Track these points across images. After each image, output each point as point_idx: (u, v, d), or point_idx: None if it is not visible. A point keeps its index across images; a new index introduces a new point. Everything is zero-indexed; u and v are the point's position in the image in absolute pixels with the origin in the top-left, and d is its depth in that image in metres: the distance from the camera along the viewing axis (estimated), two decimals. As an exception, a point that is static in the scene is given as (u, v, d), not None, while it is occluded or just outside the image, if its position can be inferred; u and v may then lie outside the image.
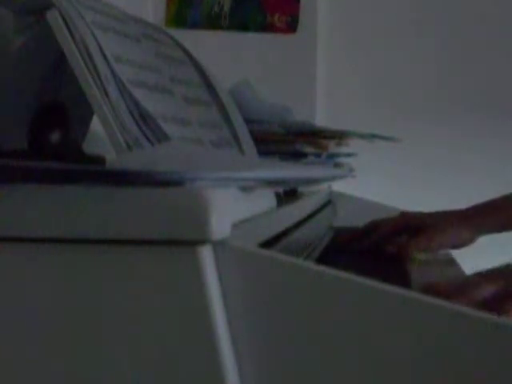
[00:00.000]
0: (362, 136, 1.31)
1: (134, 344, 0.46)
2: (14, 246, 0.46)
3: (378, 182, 2.39)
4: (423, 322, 0.45)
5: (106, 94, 0.59)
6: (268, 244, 0.62)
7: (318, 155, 1.20)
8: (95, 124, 0.67)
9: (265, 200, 0.67)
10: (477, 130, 2.57)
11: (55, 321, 0.46)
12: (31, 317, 0.47)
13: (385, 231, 1.16)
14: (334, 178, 1.30)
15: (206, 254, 0.45)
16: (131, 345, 0.46)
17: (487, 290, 0.79)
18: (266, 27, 2.52)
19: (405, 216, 1.20)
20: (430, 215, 1.19)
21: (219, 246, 0.46)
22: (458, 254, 1.18)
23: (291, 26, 2.51)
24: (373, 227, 1.18)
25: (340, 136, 1.25)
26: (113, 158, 0.53)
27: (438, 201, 2.41)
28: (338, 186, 1.68)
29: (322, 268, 0.47)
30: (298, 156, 1.15)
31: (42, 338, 0.46)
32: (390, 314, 0.46)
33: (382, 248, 1.13)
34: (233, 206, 0.51)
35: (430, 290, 0.83)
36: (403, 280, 0.90)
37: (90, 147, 0.71)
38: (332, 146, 1.24)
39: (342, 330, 0.46)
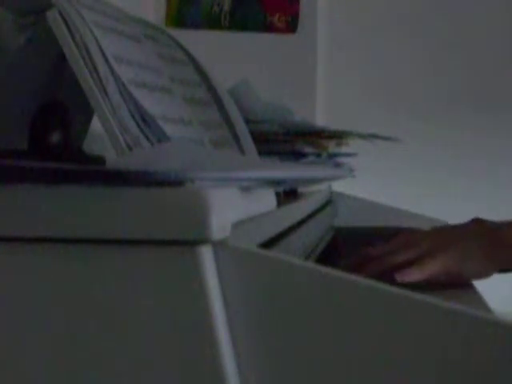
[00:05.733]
0: (362, 136, 1.31)
1: (133, 344, 0.46)
2: (14, 246, 0.46)
3: (377, 182, 2.39)
4: (423, 321, 0.45)
5: (106, 94, 0.59)
6: (268, 244, 0.62)
7: (318, 155, 1.20)
8: (95, 124, 0.67)
9: (265, 200, 0.67)
10: (477, 130, 2.57)
11: (55, 321, 0.46)
12: (31, 317, 0.46)
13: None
14: (334, 178, 1.30)
15: (206, 254, 0.45)
16: (131, 345, 0.46)
17: (403, 256, 0.89)
18: (266, 27, 2.52)
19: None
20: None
21: (219, 246, 0.46)
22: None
23: (291, 26, 2.52)
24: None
25: (340, 136, 1.25)
26: (113, 158, 0.53)
27: (438, 201, 2.41)
28: (337, 186, 1.68)
29: (322, 268, 0.47)
30: (298, 156, 1.15)
31: (41, 338, 0.46)
32: (390, 313, 0.46)
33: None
34: (233, 206, 0.51)
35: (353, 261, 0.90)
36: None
37: (90, 147, 0.71)
38: (332, 146, 1.24)
39: (342, 330, 0.46)
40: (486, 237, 0.92)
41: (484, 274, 0.92)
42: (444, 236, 0.95)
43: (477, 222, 0.96)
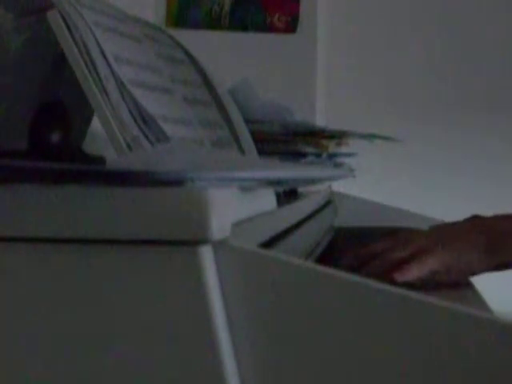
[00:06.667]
0: (362, 136, 1.31)
1: (133, 344, 0.46)
2: (14, 246, 0.46)
3: (378, 182, 2.39)
4: (423, 321, 0.45)
5: (106, 94, 0.59)
6: (268, 244, 0.62)
7: (318, 155, 1.20)
8: (95, 124, 0.67)
9: (265, 200, 0.67)
10: (477, 130, 2.57)
11: (55, 321, 0.46)
12: (31, 317, 0.46)
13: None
14: (334, 178, 1.30)
15: (206, 254, 0.45)
16: (131, 345, 0.46)
17: (401, 253, 0.88)
18: (266, 27, 2.52)
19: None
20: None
21: (219, 245, 0.46)
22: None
23: (291, 26, 2.52)
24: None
25: (340, 136, 1.25)
26: (113, 158, 0.53)
27: (438, 201, 2.42)
28: (337, 186, 1.68)
29: (322, 268, 0.47)
30: (297, 156, 1.15)
31: (41, 338, 0.46)
32: (389, 313, 0.46)
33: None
34: (233, 205, 0.51)
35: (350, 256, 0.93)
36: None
37: (89, 147, 0.71)
38: (332, 146, 1.24)
39: (342, 330, 0.46)
40: (484, 232, 0.93)
41: (483, 268, 0.92)
42: (442, 233, 0.95)
43: (475, 219, 0.96)
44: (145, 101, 0.64)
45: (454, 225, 0.98)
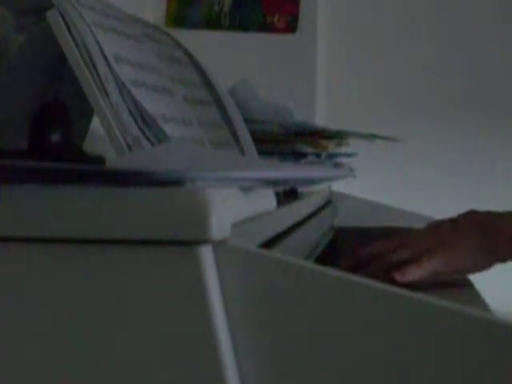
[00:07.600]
0: (362, 136, 1.31)
1: (133, 344, 0.46)
2: (14, 246, 0.46)
3: (378, 182, 2.39)
4: (423, 321, 0.45)
5: (106, 94, 0.59)
6: (268, 244, 0.62)
7: (318, 155, 1.20)
8: (95, 124, 0.67)
9: (265, 200, 0.67)
10: (477, 130, 2.57)
11: (55, 321, 0.46)
12: (31, 317, 0.47)
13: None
14: (334, 178, 1.30)
15: (206, 254, 0.45)
16: (131, 345, 0.46)
17: (401, 254, 0.89)
18: (266, 27, 2.52)
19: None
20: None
21: (219, 245, 0.46)
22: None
23: (291, 26, 2.51)
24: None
25: (340, 136, 1.26)
26: (113, 158, 0.53)
27: (438, 201, 2.41)
28: (337, 186, 1.68)
29: (322, 268, 0.47)
30: (297, 156, 1.15)
31: (41, 338, 0.46)
32: (390, 314, 0.46)
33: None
34: (233, 206, 0.51)
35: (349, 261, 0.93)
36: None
37: (90, 147, 0.71)
38: (332, 146, 1.24)
39: (342, 330, 0.46)
40: (483, 230, 0.93)
41: (483, 267, 0.93)
42: (441, 233, 0.95)
43: (472, 215, 0.97)
44: (145, 101, 0.64)
45: (451, 222, 0.98)
